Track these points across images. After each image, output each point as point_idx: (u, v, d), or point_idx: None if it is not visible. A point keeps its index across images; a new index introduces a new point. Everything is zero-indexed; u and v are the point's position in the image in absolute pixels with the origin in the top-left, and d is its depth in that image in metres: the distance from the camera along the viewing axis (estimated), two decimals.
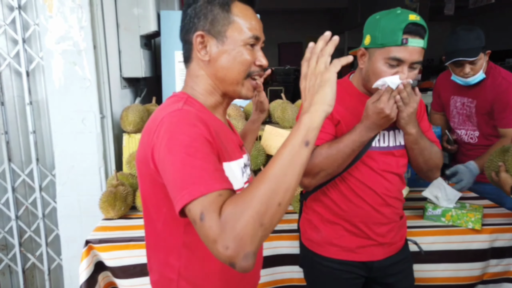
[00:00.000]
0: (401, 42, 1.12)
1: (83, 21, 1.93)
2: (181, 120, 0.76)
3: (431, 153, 1.26)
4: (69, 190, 2.03)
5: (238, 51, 0.86)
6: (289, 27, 9.87)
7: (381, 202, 1.27)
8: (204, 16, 0.86)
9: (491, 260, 1.64)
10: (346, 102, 1.28)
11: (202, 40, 0.87)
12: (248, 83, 0.90)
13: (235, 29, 0.86)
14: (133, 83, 2.49)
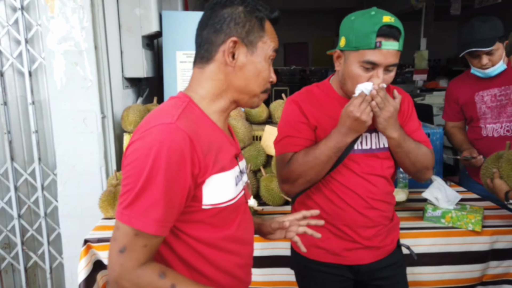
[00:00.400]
0: (374, 46, 1.10)
1: (85, 21, 1.95)
2: (165, 140, 0.75)
3: (417, 155, 1.23)
4: (70, 189, 2.05)
5: (263, 65, 0.89)
6: (295, 27, 9.85)
7: (366, 205, 1.25)
8: (243, 24, 0.87)
9: (491, 262, 1.62)
10: (325, 106, 1.27)
11: (234, 45, 0.87)
12: (262, 96, 0.94)
13: (264, 42, 0.89)
14: (135, 83, 2.51)
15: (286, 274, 1.66)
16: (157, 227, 0.75)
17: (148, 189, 0.74)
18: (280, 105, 2.18)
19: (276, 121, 2.19)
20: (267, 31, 0.90)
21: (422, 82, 5.68)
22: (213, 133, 0.87)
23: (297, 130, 1.26)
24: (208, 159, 0.81)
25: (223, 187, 0.86)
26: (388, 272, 1.31)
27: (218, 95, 0.90)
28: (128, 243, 0.74)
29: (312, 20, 9.63)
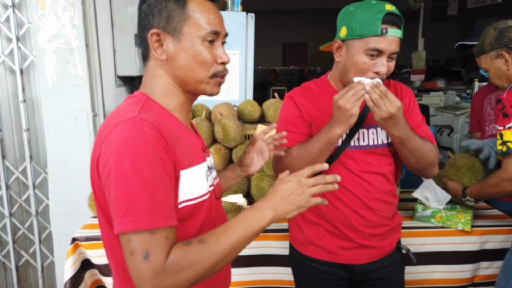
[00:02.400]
0: (380, 32, 1.10)
1: (76, 19, 1.94)
2: (133, 134, 0.72)
3: (423, 152, 1.19)
4: (62, 188, 2.04)
5: (196, 49, 0.82)
6: (294, 27, 9.86)
7: (361, 204, 1.23)
8: (159, 13, 0.81)
9: (482, 262, 1.61)
10: (321, 102, 1.26)
11: (158, 38, 0.82)
12: (213, 81, 0.86)
13: (191, 25, 0.81)
14: (129, 81, 2.50)
15: (277, 273, 1.66)
16: (165, 219, 0.71)
17: (139, 189, 0.69)
18: (273, 104, 2.17)
19: (269, 120, 2.18)
20: (195, 10, 0.81)
21: (420, 83, 5.68)
22: (178, 128, 0.84)
23: (293, 125, 1.26)
24: (178, 152, 0.78)
25: (195, 182, 0.83)
26: (384, 273, 1.30)
27: (170, 91, 0.86)
28: (149, 246, 0.69)
29: (311, 21, 9.63)
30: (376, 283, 1.31)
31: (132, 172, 0.69)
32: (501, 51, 1.45)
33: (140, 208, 0.69)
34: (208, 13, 0.83)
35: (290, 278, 1.56)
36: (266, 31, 9.72)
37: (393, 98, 1.10)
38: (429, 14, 5.57)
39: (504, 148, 1.31)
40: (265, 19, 9.84)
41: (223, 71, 0.87)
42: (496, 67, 1.49)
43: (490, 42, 1.48)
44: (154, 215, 0.70)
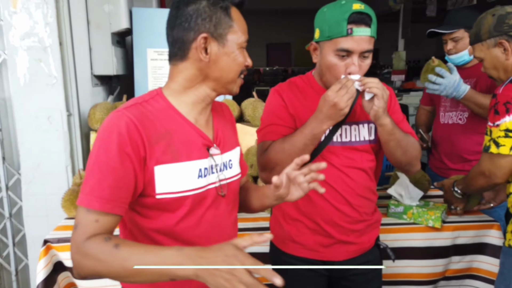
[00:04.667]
0: (346, 33, 1.12)
1: (49, 17, 1.90)
2: (109, 126, 0.83)
3: (407, 144, 1.22)
4: (36, 189, 2.00)
5: (236, 54, 0.92)
6: (277, 27, 9.88)
7: (342, 200, 1.25)
8: (210, 19, 0.89)
9: (453, 257, 1.65)
10: (306, 97, 1.27)
11: (205, 41, 0.89)
12: (239, 81, 0.97)
13: (234, 32, 0.91)
14: (106, 81, 2.47)
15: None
16: (101, 204, 0.79)
17: (94, 170, 0.81)
18: (251, 103, 2.17)
19: (247, 119, 2.19)
20: (235, 19, 0.92)
21: (400, 83, 5.76)
22: (173, 123, 0.90)
23: (279, 118, 1.26)
24: (158, 147, 0.85)
25: (177, 176, 0.88)
26: (361, 270, 1.31)
27: (190, 88, 0.93)
28: (80, 220, 0.79)
29: (294, 21, 9.69)
30: (355, 279, 1.32)
31: (94, 155, 0.82)
32: (501, 39, 1.35)
33: (87, 187, 0.80)
34: (243, 23, 0.95)
35: None
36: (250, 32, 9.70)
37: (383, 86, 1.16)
38: (409, 16, 5.66)
39: (488, 144, 1.30)
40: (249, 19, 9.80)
41: (245, 70, 0.97)
42: (493, 56, 1.38)
43: (488, 29, 1.37)
44: (93, 197, 0.79)
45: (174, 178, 0.88)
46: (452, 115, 2.10)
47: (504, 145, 1.25)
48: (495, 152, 1.27)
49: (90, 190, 0.80)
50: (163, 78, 2.37)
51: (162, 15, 2.43)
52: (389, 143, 1.21)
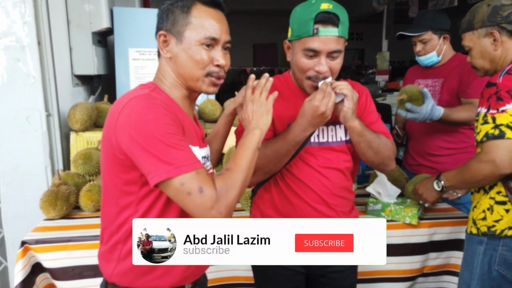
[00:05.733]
0: (312, 33, 1.12)
1: (27, 16, 1.88)
2: (150, 104, 0.87)
3: (379, 145, 1.24)
4: (14, 190, 1.97)
5: (194, 50, 0.93)
6: (264, 28, 9.90)
7: (318, 199, 1.26)
8: (167, 17, 0.95)
9: (430, 253, 1.68)
10: (283, 97, 1.27)
11: (165, 39, 0.96)
12: (208, 80, 0.97)
13: (192, 29, 0.93)
14: (87, 81, 2.44)
15: (236, 270, 1.67)
16: (199, 163, 0.87)
17: (170, 145, 0.84)
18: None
19: None
20: (197, 16, 0.94)
21: (384, 83, 5.85)
22: (180, 113, 0.97)
23: None
24: (184, 130, 0.92)
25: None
26: (339, 267, 1.33)
27: (174, 85, 0.99)
28: (200, 182, 0.83)
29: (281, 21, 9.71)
30: (333, 276, 1.34)
31: (160, 133, 0.83)
32: (492, 30, 1.35)
33: (179, 158, 0.83)
34: (209, 20, 0.95)
35: (249, 274, 1.57)
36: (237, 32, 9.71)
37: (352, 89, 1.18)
38: (392, 17, 5.75)
39: (497, 131, 1.23)
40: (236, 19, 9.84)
41: (218, 72, 0.97)
42: (482, 46, 1.38)
43: (482, 18, 1.37)
44: (192, 160, 0.85)
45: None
46: None
47: None
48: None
49: (186, 157, 0.84)
50: (145, 78, 2.36)
51: (144, 15, 2.43)
52: (359, 144, 1.23)
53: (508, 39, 1.35)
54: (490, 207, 1.34)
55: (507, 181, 1.29)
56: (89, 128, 2.01)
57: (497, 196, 1.33)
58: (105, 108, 2.13)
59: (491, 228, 1.32)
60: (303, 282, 1.37)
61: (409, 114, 1.81)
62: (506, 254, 1.30)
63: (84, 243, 1.52)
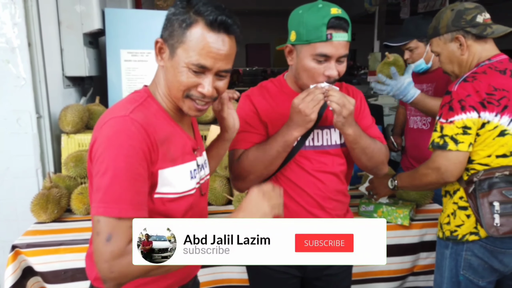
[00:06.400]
0: (326, 38, 1.11)
1: (17, 17, 1.86)
2: (120, 131, 0.82)
3: (373, 151, 1.24)
4: (4, 193, 1.95)
5: (180, 71, 0.87)
6: (257, 28, 9.91)
7: (313, 203, 1.26)
8: (166, 27, 0.90)
9: (421, 253, 1.70)
10: (277, 101, 1.27)
11: (161, 46, 0.91)
12: (188, 102, 0.91)
13: (184, 49, 0.86)
14: (78, 82, 2.42)
15: (231, 272, 1.67)
16: (133, 210, 0.80)
17: (116, 179, 0.79)
18: None
19: None
20: (193, 36, 0.85)
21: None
22: (168, 127, 0.92)
23: (250, 125, 1.26)
24: (161, 152, 0.87)
25: (175, 179, 0.92)
26: (334, 270, 1.33)
27: (166, 95, 0.94)
28: (113, 230, 0.78)
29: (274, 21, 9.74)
30: (328, 279, 1.35)
31: (113, 163, 0.80)
32: (457, 34, 1.36)
33: (113, 196, 0.79)
34: (205, 45, 0.86)
35: (244, 277, 1.58)
36: None
37: (349, 97, 1.15)
38: (384, 18, 5.79)
39: (441, 141, 1.28)
40: None
41: (200, 98, 0.90)
42: (449, 51, 1.39)
43: (446, 24, 1.38)
44: (123, 204, 0.80)
45: (173, 181, 0.91)
46: (417, 120, 2.15)
47: (463, 142, 1.25)
48: (453, 149, 1.26)
49: (118, 199, 0.79)
50: (137, 80, 2.35)
51: (136, 16, 2.42)
52: (354, 150, 1.24)
53: (474, 43, 1.35)
54: (453, 211, 1.36)
55: (467, 186, 1.31)
56: (80, 130, 2.00)
57: (459, 202, 1.34)
58: (96, 110, 2.11)
59: (453, 233, 1.35)
60: (299, 285, 1.38)
61: (378, 85, 1.76)
62: (470, 259, 1.32)
63: (76, 247, 1.51)
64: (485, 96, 1.25)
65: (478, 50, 1.35)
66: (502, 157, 1.28)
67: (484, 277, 1.32)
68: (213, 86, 0.89)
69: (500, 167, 1.27)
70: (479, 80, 1.27)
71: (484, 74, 1.29)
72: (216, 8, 0.86)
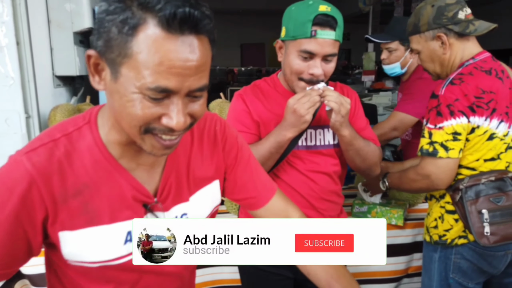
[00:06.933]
0: (310, 35, 1.10)
1: (5, 15, 1.83)
2: (3, 177, 0.63)
3: (367, 153, 1.24)
4: None
5: (129, 99, 0.58)
6: (252, 27, 9.91)
7: (306, 204, 1.25)
8: (99, 33, 0.58)
9: (415, 254, 1.70)
10: (270, 101, 1.26)
11: (96, 62, 0.61)
12: (150, 139, 0.63)
13: (132, 67, 0.56)
14: (69, 81, 2.39)
15: (223, 273, 1.65)
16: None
17: None
18: (218, 104, 2.16)
19: None
20: (142, 50, 0.55)
21: (370, 83, 5.89)
22: (96, 172, 0.67)
23: (242, 124, 1.24)
24: (66, 208, 0.65)
25: (94, 244, 0.68)
26: None
27: (114, 125, 0.67)
28: None
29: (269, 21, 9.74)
30: None
31: None
32: (439, 33, 1.28)
33: None
34: (162, 57, 0.55)
35: (236, 277, 1.56)
36: (225, 32, 9.72)
37: (345, 97, 1.14)
38: (378, 17, 5.80)
39: (431, 148, 1.23)
40: (223, 19, 9.83)
41: (167, 132, 0.61)
42: (430, 50, 1.32)
43: (427, 21, 1.30)
44: None
45: (89, 246, 0.68)
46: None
47: (453, 148, 1.21)
48: (444, 156, 1.21)
49: None
50: None
51: None
52: (348, 152, 1.23)
53: (456, 41, 1.29)
54: (441, 215, 1.33)
55: (453, 193, 1.29)
56: None
57: (447, 205, 1.32)
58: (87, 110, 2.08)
59: (442, 237, 1.32)
60: (291, 287, 1.36)
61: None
62: (459, 262, 1.30)
63: None
64: (474, 100, 1.20)
65: (461, 48, 1.29)
66: (491, 160, 1.25)
67: (473, 279, 1.31)
68: (184, 114, 0.60)
69: (486, 172, 1.24)
70: (466, 82, 1.22)
71: (471, 75, 1.23)
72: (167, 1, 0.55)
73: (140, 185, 0.71)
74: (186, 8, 0.55)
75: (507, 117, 1.25)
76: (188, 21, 0.55)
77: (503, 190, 1.23)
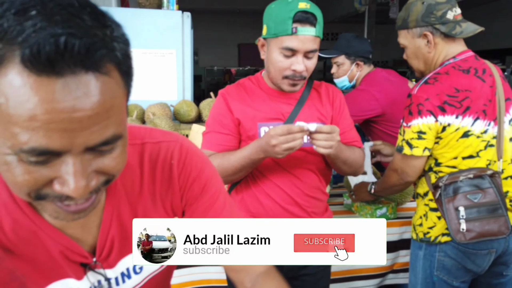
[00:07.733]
0: (291, 31, 1.12)
1: None
2: None
3: (353, 160, 1.27)
4: None
5: (3, 163, 0.44)
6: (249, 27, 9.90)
7: (289, 200, 1.26)
8: None
9: (401, 251, 1.71)
10: (253, 98, 1.27)
11: None
12: (51, 205, 0.48)
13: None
14: None
15: (209, 273, 1.66)
16: None
17: None
18: (208, 104, 2.18)
19: (205, 120, 2.19)
20: (6, 98, 0.39)
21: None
22: (18, 234, 0.55)
23: (221, 125, 1.25)
24: None
25: None
26: (311, 270, 1.33)
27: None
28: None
29: None
30: (305, 279, 1.34)
31: None
32: (426, 31, 1.30)
33: None
34: (35, 111, 0.39)
35: (222, 277, 1.57)
36: (222, 32, 9.72)
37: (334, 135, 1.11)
38: (374, 17, 5.82)
39: (401, 144, 1.30)
40: (221, 19, 9.83)
41: (64, 198, 0.47)
42: (416, 47, 1.34)
43: (416, 18, 1.30)
44: None
45: None
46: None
47: (417, 146, 1.26)
48: (408, 154, 1.27)
49: None
50: None
51: (120, 15, 2.39)
52: (334, 163, 1.27)
53: (442, 41, 1.31)
54: (425, 213, 1.36)
55: (434, 191, 1.31)
56: None
57: (430, 203, 1.34)
58: None
59: (426, 235, 1.35)
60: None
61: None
62: (443, 260, 1.32)
63: None
64: (446, 98, 1.22)
65: (445, 48, 1.31)
66: (469, 158, 1.27)
67: (458, 277, 1.33)
68: (86, 174, 0.45)
69: (465, 170, 1.27)
70: (440, 81, 1.24)
71: (447, 74, 1.25)
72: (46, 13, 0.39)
73: (73, 243, 0.59)
74: (61, 37, 0.38)
75: (484, 115, 1.26)
76: (66, 56, 0.38)
77: (481, 187, 1.25)
